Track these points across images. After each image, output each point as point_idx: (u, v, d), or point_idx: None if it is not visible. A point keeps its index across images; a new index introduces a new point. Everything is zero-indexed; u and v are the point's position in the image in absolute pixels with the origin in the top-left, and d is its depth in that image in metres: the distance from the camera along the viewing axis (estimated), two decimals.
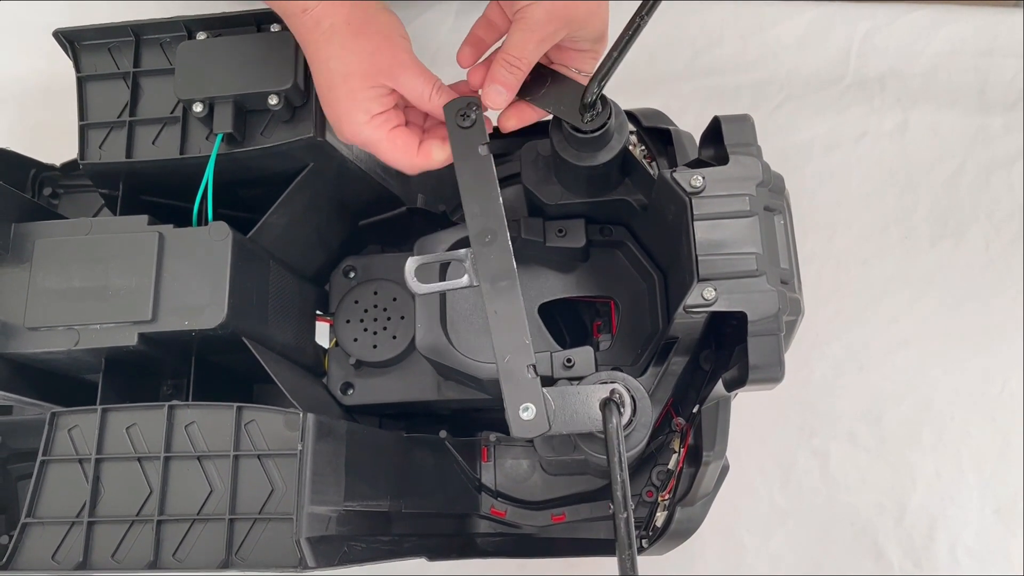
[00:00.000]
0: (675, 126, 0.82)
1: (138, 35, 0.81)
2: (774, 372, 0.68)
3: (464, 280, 0.68)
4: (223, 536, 0.66)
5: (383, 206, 0.90)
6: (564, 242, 0.82)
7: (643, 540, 0.83)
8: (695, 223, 0.70)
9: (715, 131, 0.75)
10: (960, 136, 1.18)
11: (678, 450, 0.82)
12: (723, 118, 0.75)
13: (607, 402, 0.66)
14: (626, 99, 0.77)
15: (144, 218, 0.76)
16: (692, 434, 0.79)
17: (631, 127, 0.80)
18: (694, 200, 0.71)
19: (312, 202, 0.83)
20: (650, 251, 0.83)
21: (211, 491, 0.68)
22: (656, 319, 0.81)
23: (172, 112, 0.79)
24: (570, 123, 0.71)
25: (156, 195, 0.83)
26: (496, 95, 0.68)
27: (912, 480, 1.07)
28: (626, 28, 0.65)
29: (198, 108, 0.75)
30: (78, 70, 0.81)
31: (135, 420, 0.70)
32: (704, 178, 0.71)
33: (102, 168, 0.80)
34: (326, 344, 0.91)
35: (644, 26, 0.64)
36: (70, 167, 0.93)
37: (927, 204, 1.16)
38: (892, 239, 1.15)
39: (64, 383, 0.80)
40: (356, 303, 0.90)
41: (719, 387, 0.73)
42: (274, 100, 0.74)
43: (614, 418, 0.65)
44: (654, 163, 0.81)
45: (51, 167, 0.94)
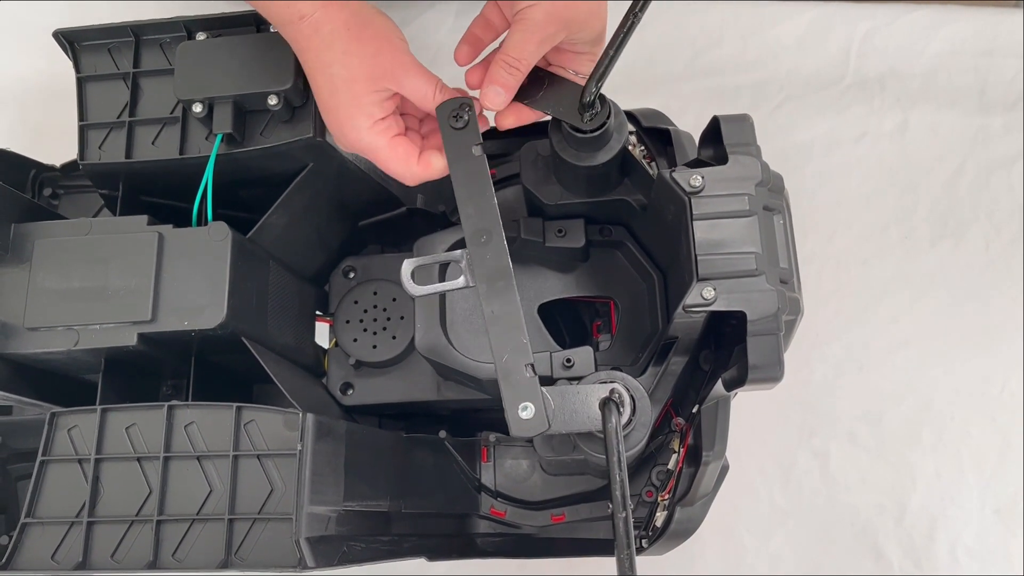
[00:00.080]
0: (674, 126, 0.82)
1: (138, 35, 0.81)
2: (773, 372, 0.68)
3: (460, 281, 0.67)
4: (222, 536, 0.66)
5: (383, 206, 0.90)
6: (564, 242, 0.82)
7: (643, 540, 0.83)
8: (694, 223, 0.70)
9: (714, 131, 0.75)
10: (960, 136, 1.18)
11: (678, 450, 0.82)
12: (722, 118, 0.75)
13: (606, 402, 0.66)
14: (626, 99, 0.77)
15: (144, 218, 0.76)
16: (692, 434, 0.79)
17: (630, 127, 0.80)
18: (693, 200, 0.71)
19: (312, 202, 0.83)
20: (649, 251, 0.83)
21: (210, 491, 0.68)
22: (656, 319, 0.81)
23: (172, 112, 0.79)
24: (569, 123, 0.71)
25: (156, 195, 0.83)
26: (495, 96, 0.68)
27: (912, 480, 1.06)
28: (620, 25, 0.65)
29: (198, 108, 0.75)
30: (78, 70, 0.82)
31: (135, 420, 0.70)
32: (703, 178, 0.71)
33: (102, 168, 0.80)
34: (326, 344, 0.91)
35: (638, 23, 0.64)
36: (70, 167, 0.93)
37: (927, 204, 1.16)
38: (892, 239, 1.15)
39: (64, 383, 0.80)
40: (356, 303, 0.90)
41: (719, 387, 0.73)
42: (273, 100, 0.74)
43: (613, 418, 0.65)
44: (653, 163, 0.81)
45: (51, 168, 0.94)
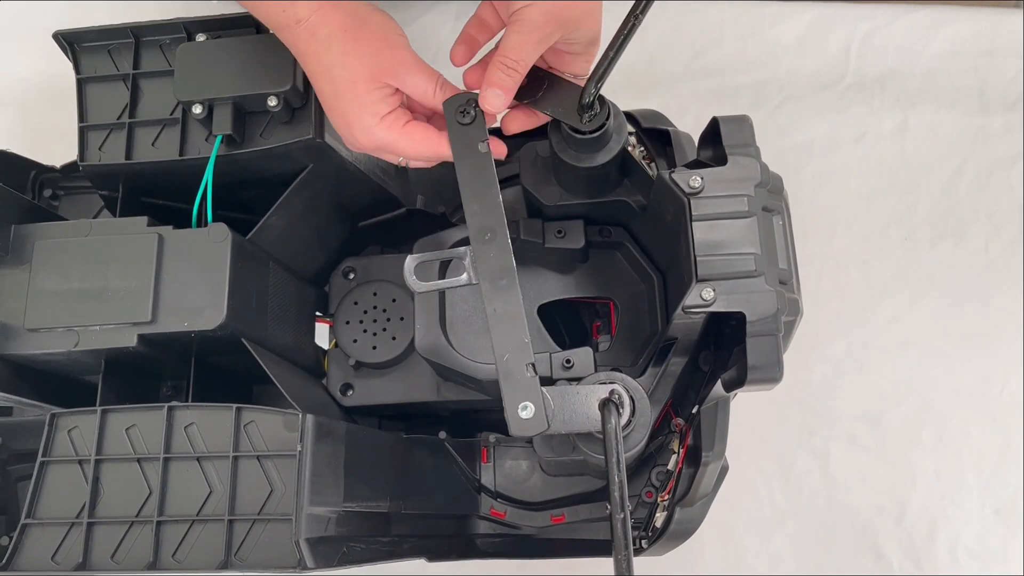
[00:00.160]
0: (674, 127, 0.82)
1: (138, 37, 0.81)
2: (773, 372, 0.68)
3: (463, 278, 0.67)
4: (222, 537, 0.66)
5: (382, 207, 0.90)
6: (563, 243, 0.82)
7: (643, 540, 0.83)
8: (694, 224, 0.70)
9: (714, 132, 0.75)
10: (960, 137, 1.19)
11: (677, 451, 0.82)
12: (721, 119, 0.75)
13: (606, 402, 0.66)
14: (625, 100, 0.77)
15: (144, 219, 0.76)
16: (691, 435, 0.79)
17: (630, 128, 0.80)
18: (693, 201, 0.71)
19: (311, 203, 0.83)
20: (649, 252, 0.83)
21: (210, 492, 0.68)
22: (655, 320, 0.81)
23: (171, 114, 0.79)
24: (569, 124, 0.71)
25: (156, 196, 0.83)
26: (494, 98, 0.67)
27: (912, 480, 1.07)
28: (621, 27, 0.65)
29: (197, 110, 0.75)
30: (78, 72, 0.82)
31: (135, 421, 0.70)
32: (703, 179, 0.71)
33: (102, 170, 0.80)
34: (325, 345, 0.91)
35: (639, 25, 0.64)
36: (70, 169, 0.93)
37: (927, 205, 1.16)
38: (892, 240, 1.15)
39: (64, 384, 0.80)
40: (356, 304, 0.90)
41: (718, 388, 0.73)
42: (273, 102, 0.74)
43: (613, 418, 0.65)
44: (653, 164, 0.81)
45: (51, 169, 0.94)
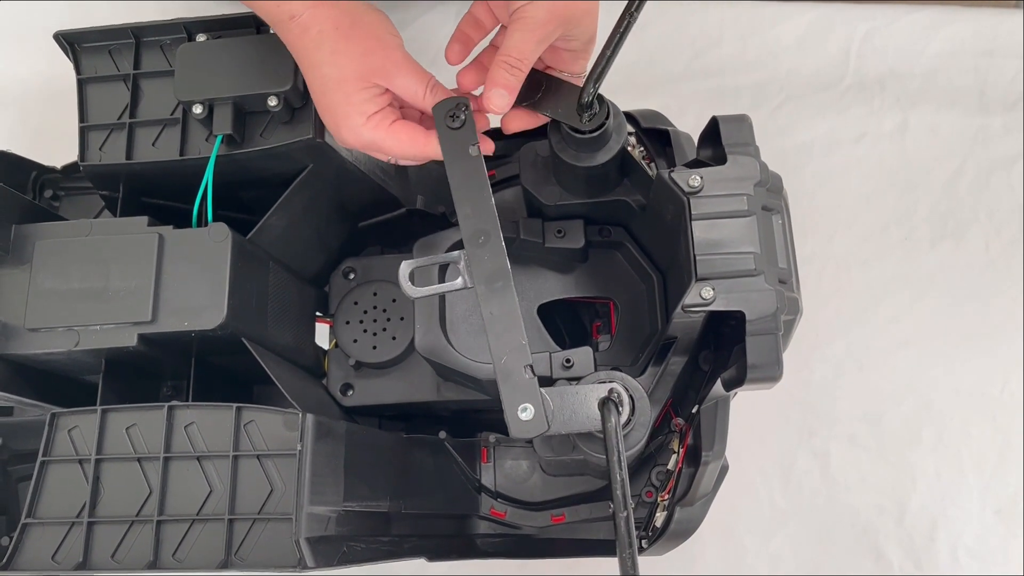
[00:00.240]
0: (674, 127, 0.82)
1: (138, 37, 0.81)
2: (772, 371, 0.68)
3: (459, 282, 0.67)
4: (222, 536, 0.66)
5: (382, 207, 0.90)
6: (563, 243, 0.82)
7: (643, 540, 0.83)
8: (693, 223, 0.70)
9: (713, 131, 0.75)
10: (960, 137, 1.19)
11: (677, 450, 0.82)
12: (721, 118, 0.75)
13: (605, 401, 0.66)
14: (625, 100, 0.77)
15: (144, 219, 0.76)
16: (691, 434, 0.79)
17: (630, 128, 0.80)
18: (692, 200, 0.71)
19: (311, 203, 0.84)
20: (649, 251, 0.83)
21: (210, 491, 0.68)
22: (655, 319, 0.81)
23: (172, 114, 0.79)
24: (568, 124, 0.71)
25: (156, 197, 0.83)
26: (499, 98, 0.67)
27: (912, 480, 1.07)
28: (617, 25, 0.65)
29: (198, 110, 0.75)
30: (78, 72, 0.82)
31: (135, 421, 0.70)
32: (702, 178, 0.71)
33: (102, 170, 0.80)
34: (326, 345, 0.91)
35: (634, 23, 0.64)
36: (71, 169, 0.93)
37: (927, 205, 1.16)
38: (892, 240, 1.15)
39: (64, 384, 0.80)
40: (356, 304, 0.90)
41: (718, 387, 0.73)
42: (273, 102, 0.74)
43: (612, 417, 0.65)
44: (653, 164, 0.81)
45: (52, 169, 0.94)
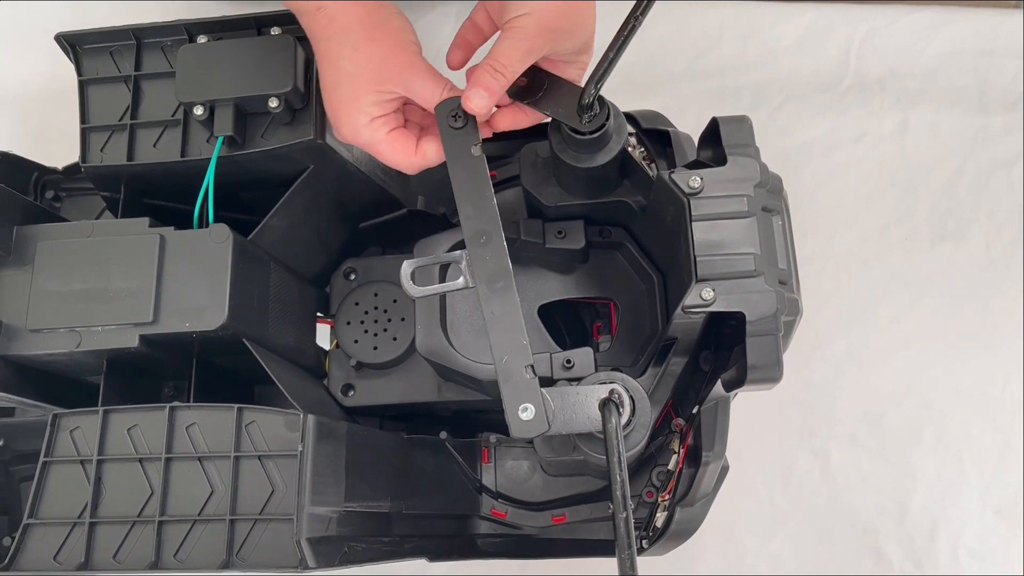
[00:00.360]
0: (674, 128, 0.82)
1: (139, 38, 0.81)
2: (772, 372, 0.68)
3: (460, 282, 0.67)
4: (224, 537, 0.67)
5: (383, 208, 0.90)
6: (563, 243, 0.82)
7: (643, 541, 0.83)
8: (693, 224, 0.71)
9: (713, 132, 0.76)
10: (960, 137, 1.19)
11: (678, 450, 0.82)
12: (721, 119, 0.75)
13: (606, 402, 0.66)
14: (626, 101, 0.77)
15: (145, 220, 0.77)
16: (691, 434, 0.79)
17: (630, 129, 0.80)
18: (692, 201, 0.71)
19: (312, 204, 0.84)
20: (649, 252, 0.83)
21: (212, 492, 0.68)
22: (655, 320, 0.82)
23: (173, 115, 0.79)
24: (568, 125, 0.72)
25: (157, 198, 0.83)
26: (478, 99, 0.67)
27: (913, 481, 1.07)
28: (621, 28, 0.65)
29: (199, 111, 0.75)
30: (80, 73, 0.82)
31: (136, 421, 0.70)
32: (702, 179, 0.71)
33: (104, 171, 0.80)
34: (327, 346, 0.91)
35: (639, 26, 0.64)
36: (72, 170, 0.93)
37: (927, 205, 1.16)
38: (892, 240, 1.15)
39: (66, 385, 0.80)
40: (356, 305, 0.90)
41: (718, 387, 0.73)
42: (274, 103, 0.75)
43: (613, 418, 0.65)
44: (653, 164, 0.81)
45: (53, 170, 0.94)
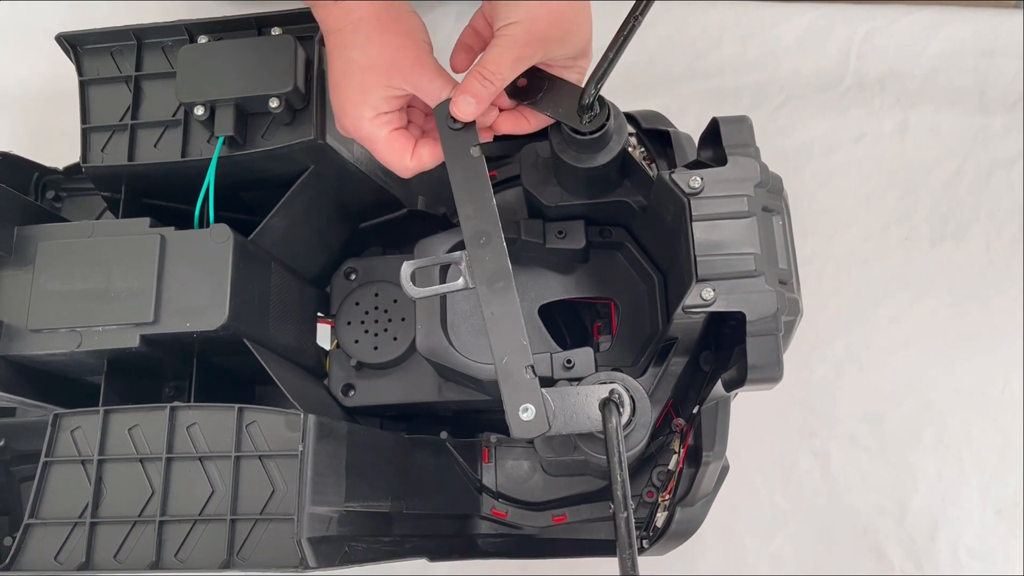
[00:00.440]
0: (674, 128, 0.82)
1: (140, 39, 0.81)
2: (773, 372, 0.68)
3: (460, 283, 0.67)
4: (225, 536, 0.67)
5: (384, 208, 0.90)
6: (564, 244, 0.82)
7: (644, 540, 0.83)
8: (694, 224, 0.71)
9: (713, 132, 0.76)
10: (960, 137, 1.19)
11: (678, 450, 0.82)
12: (721, 119, 0.75)
13: (606, 402, 0.66)
14: (626, 101, 0.77)
15: (146, 220, 0.77)
16: (692, 434, 0.79)
17: (630, 129, 0.80)
18: (692, 201, 0.71)
19: (313, 204, 0.84)
20: (649, 252, 0.83)
21: (213, 492, 0.68)
22: (656, 320, 0.82)
23: (174, 115, 0.79)
24: (569, 125, 0.72)
25: (158, 198, 0.83)
26: (465, 105, 0.67)
27: (913, 481, 1.07)
28: (621, 28, 0.65)
29: (199, 111, 0.75)
30: (80, 74, 0.82)
31: (137, 421, 0.70)
32: (702, 179, 0.71)
33: (104, 171, 0.80)
34: (327, 346, 0.92)
35: (638, 27, 0.64)
36: (73, 170, 0.93)
37: (927, 205, 1.16)
38: (892, 240, 1.15)
39: (66, 385, 0.80)
40: (357, 305, 0.90)
41: (718, 387, 0.73)
42: (275, 103, 0.75)
43: (613, 418, 0.65)
44: (653, 164, 0.81)
45: (54, 170, 0.94)
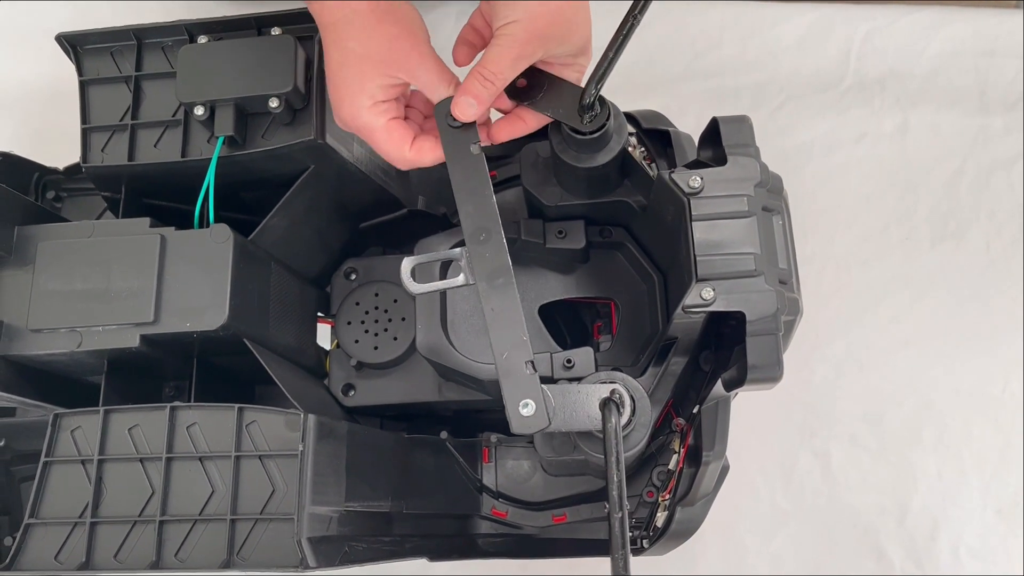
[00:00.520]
0: (674, 128, 0.82)
1: (140, 39, 0.81)
2: (772, 372, 0.68)
3: (460, 279, 0.67)
4: (225, 536, 0.67)
5: (384, 208, 0.90)
6: (564, 243, 0.82)
7: (644, 540, 0.83)
8: (693, 223, 0.71)
9: (713, 132, 0.76)
10: (960, 137, 1.19)
11: (678, 450, 0.82)
12: (721, 119, 0.75)
13: (606, 402, 0.66)
14: (626, 101, 0.77)
15: (146, 220, 0.77)
16: (692, 434, 0.79)
17: (630, 129, 0.80)
18: (692, 201, 0.71)
19: (313, 204, 0.84)
20: (649, 252, 0.83)
21: (213, 492, 0.68)
22: (656, 320, 0.82)
23: (174, 115, 0.79)
24: (569, 125, 0.72)
25: (158, 198, 0.83)
26: (467, 107, 0.67)
27: (914, 480, 1.07)
28: (620, 27, 0.65)
29: (199, 111, 0.75)
30: (80, 74, 0.82)
31: (137, 421, 0.70)
32: (702, 179, 0.71)
33: (104, 171, 0.80)
34: (327, 346, 0.92)
35: (637, 25, 0.64)
36: (73, 170, 0.93)
37: (927, 205, 1.16)
38: (893, 240, 1.15)
39: (66, 385, 0.80)
40: (357, 305, 0.90)
41: (718, 387, 0.73)
42: (275, 103, 0.75)
43: (613, 417, 0.65)
44: (653, 164, 0.81)
45: (54, 170, 0.94)
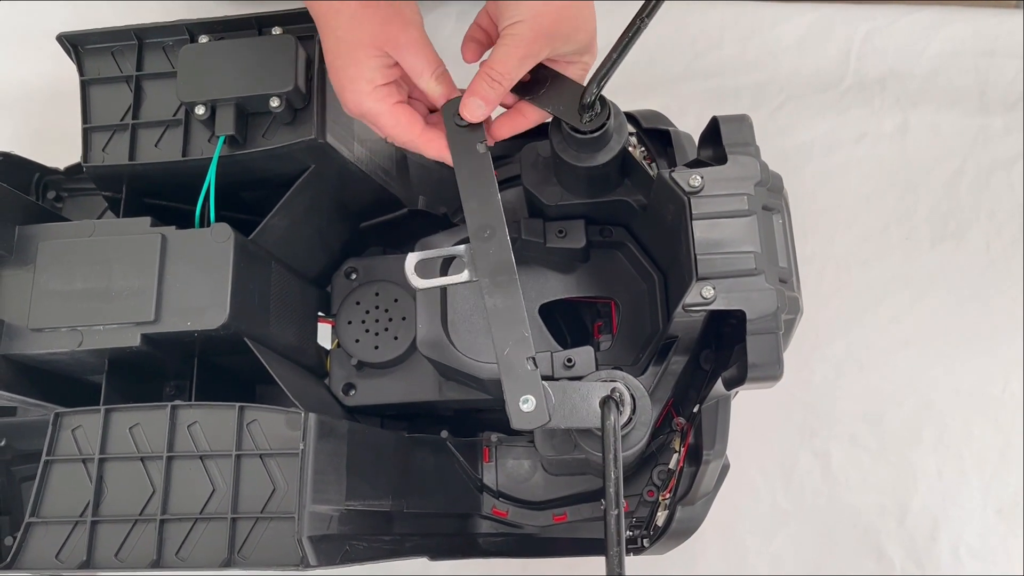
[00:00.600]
0: (674, 127, 0.82)
1: (141, 39, 0.81)
2: (773, 370, 0.68)
3: (464, 275, 0.68)
4: (225, 535, 0.67)
5: (384, 208, 0.90)
6: (564, 243, 0.82)
7: (644, 539, 0.83)
8: (694, 222, 0.71)
9: (713, 131, 0.76)
10: (960, 137, 1.19)
11: (679, 449, 0.82)
12: (721, 118, 0.75)
13: (606, 399, 0.67)
14: (626, 100, 0.77)
15: (147, 220, 0.77)
16: (692, 433, 0.79)
17: (630, 128, 0.81)
18: (693, 199, 0.71)
19: (313, 204, 0.84)
20: (650, 251, 0.83)
21: (213, 490, 0.68)
22: (656, 319, 0.82)
23: (174, 115, 0.79)
24: (569, 124, 0.72)
25: (159, 197, 0.84)
26: (476, 108, 0.68)
27: (914, 480, 1.07)
28: (627, 29, 0.65)
29: (200, 111, 0.75)
30: (81, 73, 0.82)
31: (138, 420, 0.70)
32: (702, 178, 0.71)
33: (105, 171, 0.81)
34: (328, 345, 0.92)
35: (645, 28, 0.64)
36: (74, 170, 0.93)
37: (928, 205, 1.16)
38: (893, 240, 1.15)
39: (67, 384, 0.80)
40: (358, 304, 0.90)
41: (719, 386, 0.73)
42: (275, 102, 0.75)
43: (612, 416, 0.65)
44: (653, 164, 0.81)
45: (55, 170, 0.94)
